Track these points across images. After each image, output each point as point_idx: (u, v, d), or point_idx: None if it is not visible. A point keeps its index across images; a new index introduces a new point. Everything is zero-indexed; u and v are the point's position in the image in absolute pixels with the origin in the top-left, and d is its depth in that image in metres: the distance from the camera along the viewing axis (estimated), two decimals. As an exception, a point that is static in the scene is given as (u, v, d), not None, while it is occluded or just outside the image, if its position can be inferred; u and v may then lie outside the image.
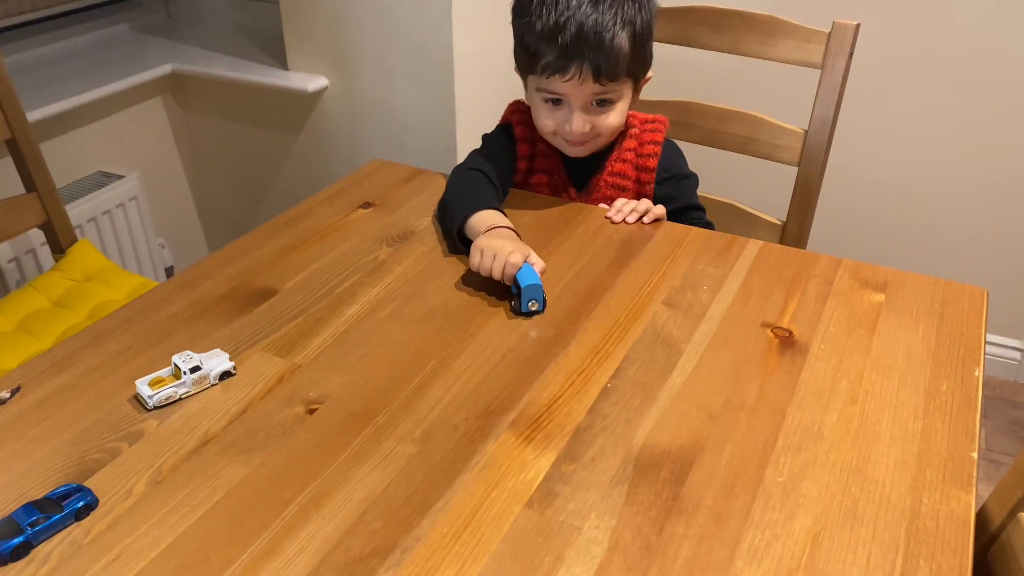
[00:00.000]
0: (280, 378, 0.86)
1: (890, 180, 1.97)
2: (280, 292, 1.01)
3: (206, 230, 2.30)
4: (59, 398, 0.83)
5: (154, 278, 1.91)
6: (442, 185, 1.20)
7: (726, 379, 0.85)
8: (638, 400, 0.82)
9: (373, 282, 1.02)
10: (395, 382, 0.85)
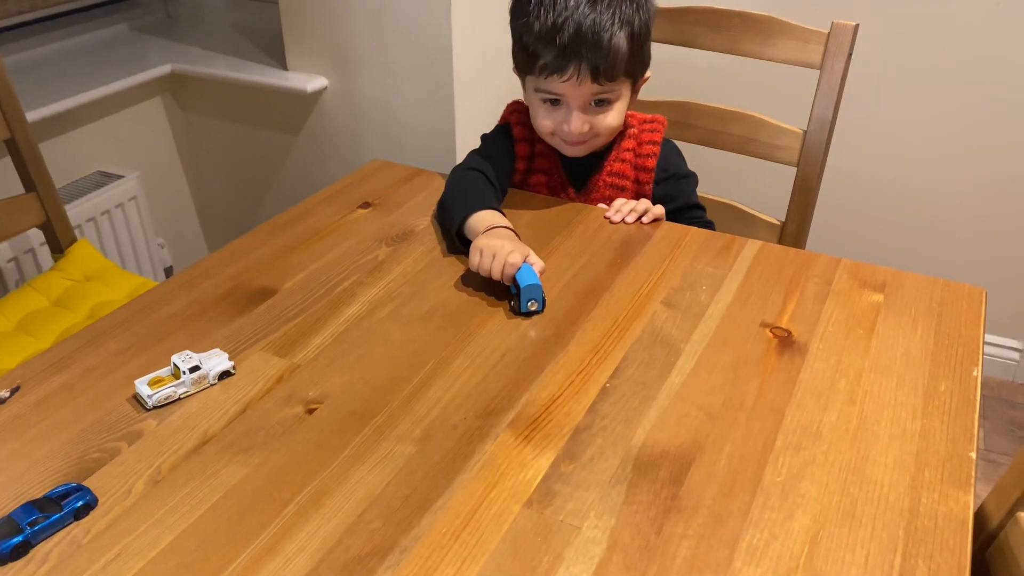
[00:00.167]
0: (279, 378, 0.86)
1: (889, 180, 1.97)
2: (279, 292, 1.01)
3: (205, 230, 2.30)
4: (58, 398, 0.83)
5: (153, 278, 1.91)
6: (441, 185, 1.20)
7: (725, 379, 0.85)
8: (637, 400, 0.82)
9: (372, 282, 1.02)
10: (394, 382, 0.85)
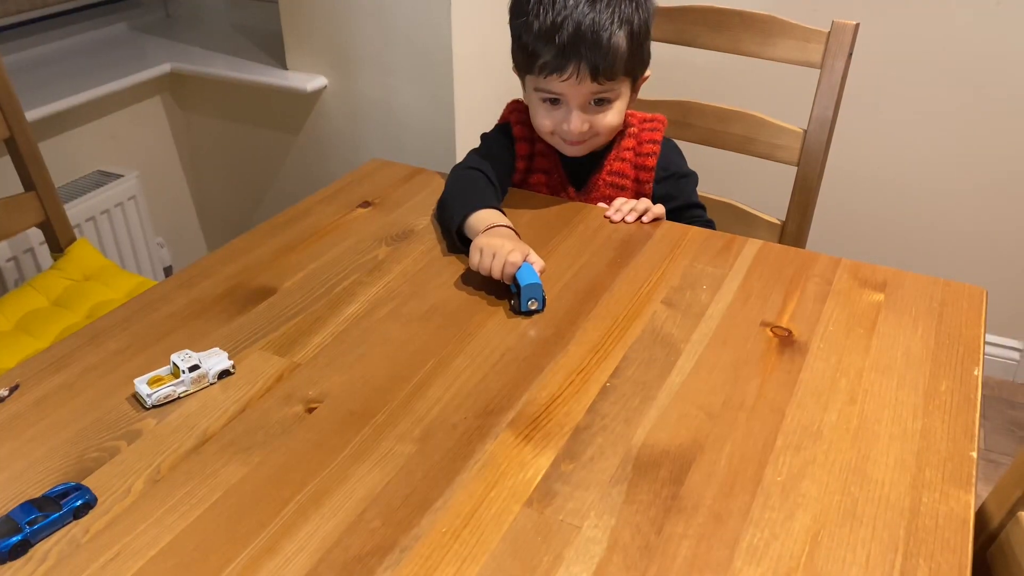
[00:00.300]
0: (279, 377, 0.86)
1: (889, 180, 1.97)
2: (279, 291, 1.01)
3: (205, 229, 2.30)
4: (58, 397, 0.83)
5: (153, 277, 1.91)
6: (441, 184, 1.20)
7: (725, 378, 0.85)
8: (637, 399, 0.82)
9: (372, 281, 1.02)
10: (394, 381, 0.85)
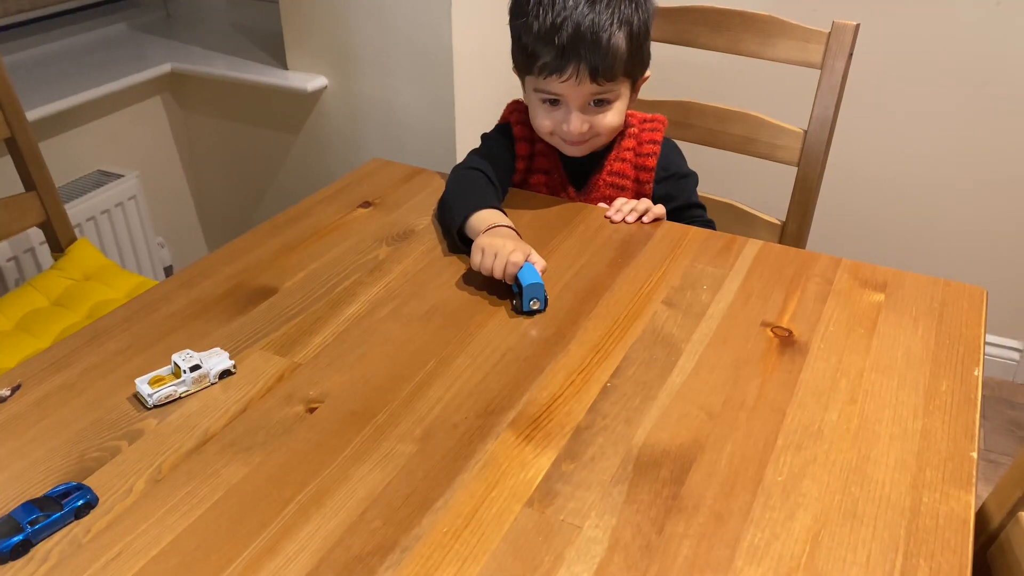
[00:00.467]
0: (280, 377, 0.86)
1: (890, 180, 1.97)
2: (280, 291, 1.01)
3: (205, 229, 2.30)
4: (58, 397, 0.83)
5: (153, 277, 1.91)
6: (441, 184, 1.20)
7: (726, 378, 0.85)
8: (638, 399, 0.82)
9: (373, 281, 1.02)
10: (395, 381, 0.85)
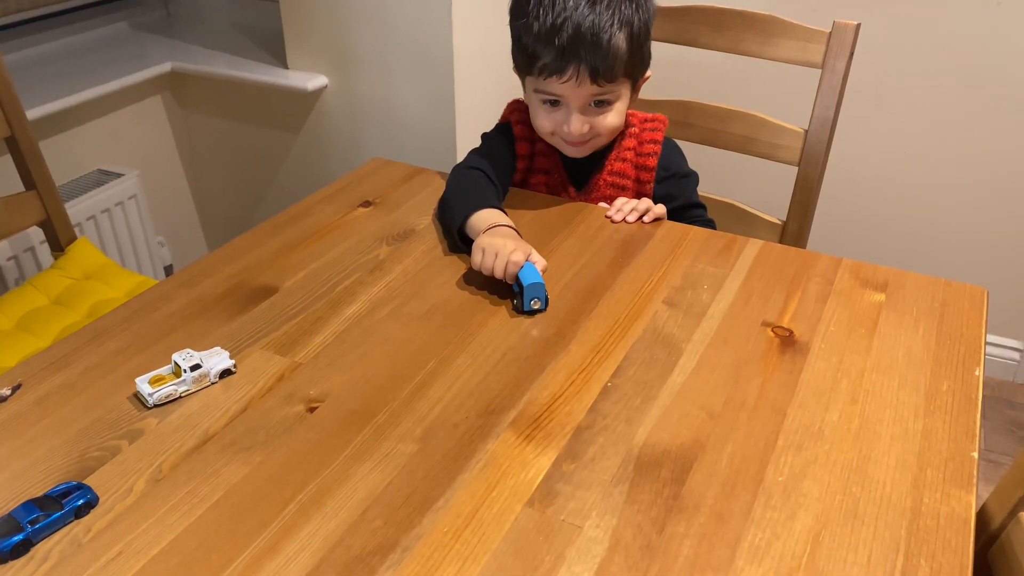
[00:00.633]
0: (280, 376, 0.86)
1: (890, 180, 1.97)
2: (280, 290, 1.01)
3: (205, 228, 2.30)
4: (59, 396, 0.83)
5: (153, 276, 1.91)
6: (442, 184, 1.20)
7: (727, 378, 0.85)
8: (639, 399, 0.82)
9: (373, 281, 1.02)
10: (395, 381, 0.85)
